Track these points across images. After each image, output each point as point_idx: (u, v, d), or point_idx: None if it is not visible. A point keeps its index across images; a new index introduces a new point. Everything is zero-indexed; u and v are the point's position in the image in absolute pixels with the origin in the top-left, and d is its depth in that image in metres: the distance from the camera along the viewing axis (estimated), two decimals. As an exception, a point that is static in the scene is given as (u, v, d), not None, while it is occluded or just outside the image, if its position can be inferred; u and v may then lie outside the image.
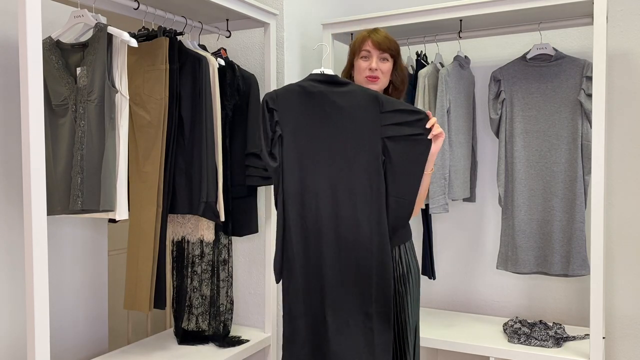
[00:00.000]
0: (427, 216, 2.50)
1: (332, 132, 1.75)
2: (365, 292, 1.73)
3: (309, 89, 1.76)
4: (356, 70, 1.92)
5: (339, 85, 1.78)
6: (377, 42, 1.88)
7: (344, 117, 1.75)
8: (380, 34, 1.91)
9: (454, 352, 2.48)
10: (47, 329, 1.42)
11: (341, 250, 1.73)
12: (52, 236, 1.61)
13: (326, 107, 1.75)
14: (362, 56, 1.90)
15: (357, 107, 1.75)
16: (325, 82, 1.77)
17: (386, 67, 1.89)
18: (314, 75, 1.79)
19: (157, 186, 1.85)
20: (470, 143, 2.52)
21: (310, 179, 1.74)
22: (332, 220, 1.73)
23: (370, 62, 1.87)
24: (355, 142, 1.75)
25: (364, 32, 1.94)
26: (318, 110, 1.75)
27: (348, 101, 1.75)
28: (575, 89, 2.23)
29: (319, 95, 1.76)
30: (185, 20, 2.08)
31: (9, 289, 1.83)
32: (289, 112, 1.74)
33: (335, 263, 1.73)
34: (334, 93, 1.76)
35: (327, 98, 1.75)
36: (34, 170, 1.39)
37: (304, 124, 1.75)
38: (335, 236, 1.73)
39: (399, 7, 2.33)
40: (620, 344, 2.46)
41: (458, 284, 2.76)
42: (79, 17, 1.71)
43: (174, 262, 2.19)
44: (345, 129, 1.75)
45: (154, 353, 2.07)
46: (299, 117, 1.75)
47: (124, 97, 1.68)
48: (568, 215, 2.24)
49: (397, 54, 1.93)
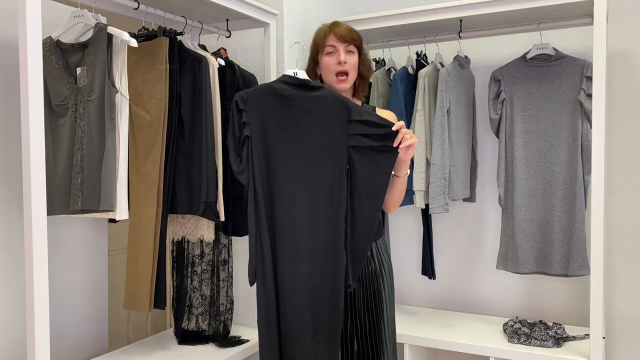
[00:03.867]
0: (427, 216, 2.50)
1: (299, 137, 1.74)
2: (316, 302, 1.73)
3: (279, 92, 1.75)
4: (323, 69, 1.90)
5: (310, 90, 1.76)
6: (341, 35, 1.86)
7: (312, 123, 1.74)
8: (342, 26, 1.89)
9: (454, 352, 2.48)
10: (47, 329, 1.42)
11: (298, 258, 1.73)
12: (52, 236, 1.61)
13: (295, 111, 1.75)
14: (327, 52, 1.88)
15: (326, 114, 1.74)
16: (297, 85, 1.76)
17: (353, 60, 1.88)
18: (286, 77, 1.78)
19: (157, 186, 1.85)
20: (470, 143, 2.52)
21: (275, 181, 1.74)
22: (291, 225, 1.74)
23: (338, 55, 1.85)
24: (321, 149, 1.74)
25: (325, 27, 1.92)
26: (287, 114, 1.75)
27: (318, 107, 1.75)
28: (575, 89, 2.23)
29: (289, 99, 1.75)
30: (185, 20, 2.08)
31: (9, 289, 1.83)
32: (258, 114, 1.74)
33: (294, 270, 1.73)
34: (304, 97, 1.75)
35: (297, 102, 1.75)
36: (34, 170, 1.39)
37: (273, 127, 1.75)
38: (294, 242, 1.74)
39: (399, 7, 2.33)
40: (620, 344, 2.46)
41: (458, 284, 2.76)
42: (79, 17, 1.71)
43: (174, 262, 2.19)
44: (312, 135, 1.74)
45: (154, 353, 2.07)
46: (267, 119, 1.74)
47: (124, 97, 1.68)
48: (568, 215, 2.24)
49: (361, 43, 1.91)
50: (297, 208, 1.74)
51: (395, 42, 2.54)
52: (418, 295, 2.83)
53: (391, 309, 1.95)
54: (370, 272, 1.90)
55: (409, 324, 2.46)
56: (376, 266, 1.91)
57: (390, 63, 2.58)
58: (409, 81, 2.44)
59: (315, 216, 1.74)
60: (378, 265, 1.92)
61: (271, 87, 1.77)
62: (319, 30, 1.94)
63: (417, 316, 2.61)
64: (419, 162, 2.30)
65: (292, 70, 1.78)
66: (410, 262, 2.82)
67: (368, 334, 1.88)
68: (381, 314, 1.90)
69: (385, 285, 1.92)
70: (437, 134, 2.27)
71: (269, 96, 1.75)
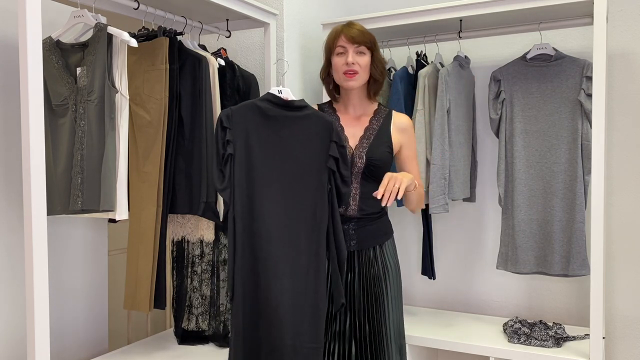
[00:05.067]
0: (427, 216, 2.50)
1: (283, 156, 1.74)
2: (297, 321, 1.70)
3: (265, 111, 1.74)
4: (333, 69, 1.91)
5: (295, 110, 1.76)
6: (351, 37, 1.85)
7: (296, 143, 1.74)
8: (354, 27, 1.89)
9: (454, 352, 2.48)
10: (47, 329, 1.42)
11: (279, 276, 1.70)
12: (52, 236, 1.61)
13: (280, 131, 1.74)
14: (337, 53, 1.89)
15: (311, 134, 1.75)
16: (282, 105, 1.75)
17: (364, 60, 1.88)
18: (271, 96, 1.76)
19: (157, 186, 1.85)
20: (470, 143, 2.52)
21: (257, 200, 1.72)
22: (273, 244, 1.71)
23: (347, 56, 1.85)
24: (304, 168, 1.74)
25: (337, 27, 1.92)
26: (271, 134, 1.74)
27: (302, 127, 1.75)
28: (575, 89, 2.23)
29: (274, 119, 1.74)
30: (185, 20, 2.08)
31: (9, 289, 1.83)
32: (243, 132, 1.72)
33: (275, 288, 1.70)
34: (288, 118, 1.75)
35: (281, 122, 1.75)
36: (34, 170, 1.39)
37: (256, 145, 1.73)
38: (275, 260, 1.71)
39: (399, 7, 2.33)
40: (620, 344, 2.46)
41: (458, 284, 2.76)
42: (79, 17, 1.71)
43: (174, 262, 2.19)
44: (296, 155, 1.74)
45: (154, 353, 2.07)
46: (252, 137, 1.73)
47: (124, 97, 1.68)
48: (568, 215, 2.24)
49: (374, 45, 1.90)
50: (279, 226, 1.72)
51: (395, 42, 2.54)
52: (418, 295, 2.83)
53: (396, 313, 1.93)
54: (372, 275, 1.89)
55: (409, 324, 2.45)
56: (378, 270, 1.90)
57: (390, 63, 2.58)
58: (409, 81, 2.44)
59: (297, 235, 1.72)
60: (381, 269, 1.90)
61: (256, 105, 1.75)
62: (332, 30, 1.94)
63: (417, 316, 2.61)
64: (419, 162, 2.29)
65: (277, 88, 1.76)
66: (410, 262, 2.82)
67: (368, 336, 1.87)
68: (383, 318, 1.88)
69: (389, 289, 1.90)
70: (437, 134, 2.27)
71: (254, 115, 1.74)
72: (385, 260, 1.92)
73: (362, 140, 1.91)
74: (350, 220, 1.88)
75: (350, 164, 1.85)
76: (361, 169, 1.87)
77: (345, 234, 1.82)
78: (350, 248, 1.87)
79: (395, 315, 1.93)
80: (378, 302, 1.88)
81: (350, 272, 1.88)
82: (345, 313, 1.86)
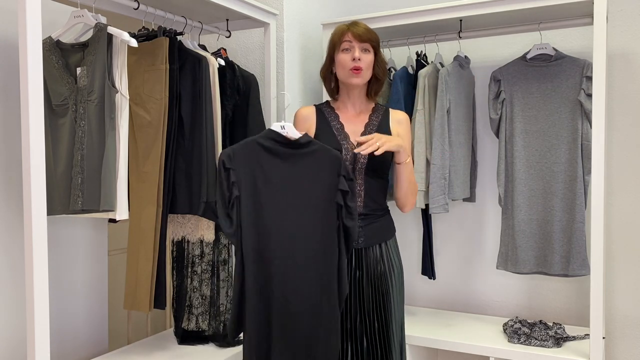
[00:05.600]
0: (427, 216, 2.50)
1: (291, 194, 1.70)
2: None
3: (270, 149, 1.70)
4: (338, 65, 1.92)
5: (301, 147, 1.73)
6: (358, 34, 1.88)
7: (303, 180, 1.71)
8: (360, 25, 1.91)
9: (454, 352, 2.48)
10: (47, 329, 1.42)
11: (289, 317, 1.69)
12: (52, 236, 1.61)
13: (286, 169, 1.71)
14: (343, 49, 1.90)
15: (318, 170, 1.72)
16: (285, 143, 1.72)
17: (368, 58, 1.90)
18: (274, 134, 1.72)
19: (157, 186, 1.85)
20: (470, 143, 2.52)
21: (267, 241, 1.68)
22: (284, 286, 1.69)
23: (353, 52, 1.87)
24: (313, 206, 1.71)
25: (343, 25, 1.94)
26: (278, 172, 1.70)
27: (309, 163, 1.72)
28: (575, 89, 2.23)
29: (279, 157, 1.71)
30: (185, 20, 2.08)
31: (9, 289, 1.83)
32: (247, 172, 1.68)
33: (284, 330, 1.69)
34: (294, 155, 1.71)
35: (287, 160, 1.71)
36: (34, 170, 1.39)
37: (263, 184, 1.69)
38: (284, 301, 1.69)
39: (399, 7, 2.33)
40: (620, 344, 2.46)
41: (458, 284, 2.76)
42: (79, 17, 1.71)
43: (174, 262, 2.19)
44: (304, 192, 1.71)
45: (154, 353, 2.07)
46: (257, 177, 1.69)
47: (124, 97, 1.68)
48: (568, 215, 2.24)
49: (378, 44, 1.94)
50: (292, 267, 1.70)
51: (395, 42, 2.54)
52: (418, 295, 2.83)
53: (399, 312, 1.95)
54: (380, 272, 1.90)
55: (409, 324, 2.45)
56: (385, 267, 1.92)
57: (390, 63, 2.57)
58: (409, 81, 2.44)
59: (306, 277, 1.71)
60: (387, 266, 1.92)
61: (259, 144, 1.71)
62: (337, 28, 1.95)
63: (417, 316, 2.61)
64: (419, 162, 2.29)
65: (280, 124, 1.72)
66: (410, 262, 2.82)
67: (377, 333, 1.89)
68: (389, 315, 1.90)
69: (394, 287, 1.92)
70: (437, 134, 2.27)
71: (258, 153, 1.70)
72: (391, 257, 1.94)
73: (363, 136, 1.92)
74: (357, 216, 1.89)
75: (353, 161, 1.87)
76: (364, 164, 1.88)
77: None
78: (358, 245, 1.89)
79: (399, 312, 1.95)
80: (385, 299, 1.90)
81: (358, 269, 1.90)
82: (356, 311, 1.88)
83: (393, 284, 1.92)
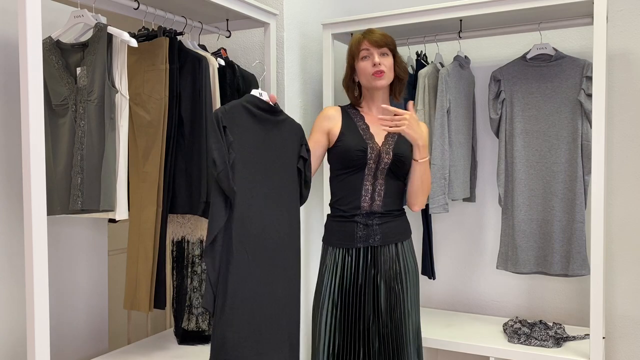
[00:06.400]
0: (427, 216, 2.50)
1: (270, 157, 1.80)
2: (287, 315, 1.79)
3: (254, 113, 1.78)
4: (360, 73, 1.95)
5: (276, 114, 1.84)
6: (375, 41, 1.92)
7: (278, 145, 1.82)
8: (375, 32, 1.95)
9: (454, 352, 2.48)
10: (47, 329, 1.42)
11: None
12: (52, 236, 1.61)
13: (266, 133, 1.80)
14: (362, 57, 1.94)
15: (287, 137, 1.86)
16: (266, 110, 1.80)
17: (389, 62, 1.93)
18: (257, 100, 1.79)
19: (157, 186, 1.85)
20: (470, 143, 2.52)
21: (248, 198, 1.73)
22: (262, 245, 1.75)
23: (372, 59, 1.90)
24: (284, 170, 1.83)
25: (358, 35, 1.98)
26: (260, 135, 1.78)
27: (281, 130, 1.84)
28: (575, 89, 2.23)
29: (260, 122, 1.79)
30: (185, 20, 2.08)
31: (9, 289, 1.83)
32: (236, 132, 1.73)
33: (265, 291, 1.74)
34: (271, 121, 1.82)
35: (266, 125, 1.81)
36: (34, 170, 1.39)
37: (249, 145, 1.75)
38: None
39: (399, 7, 2.33)
40: (620, 344, 2.46)
41: (458, 284, 2.76)
42: (79, 17, 1.71)
43: (174, 262, 2.18)
44: (279, 157, 1.82)
45: (154, 353, 2.07)
46: (244, 138, 1.75)
47: (124, 97, 1.68)
48: (568, 215, 2.24)
49: (395, 47, 1.97)
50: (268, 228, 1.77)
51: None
52: (418, 295, 2.83)
53: (415, 315, 1.96)
54: (395, 272, 1.92)
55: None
56: (401, 267, 1.93)
57: (390, 63, 2.58)
58: (409, 81, 2.43)
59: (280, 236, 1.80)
60: (403, 266, 1.94)
61: (244, 107, 1.77)
62: (353, 38, 1.99)
63: (417, 316, 2.61)
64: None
65: (257, 91, 1.81)
66: (410, 262, 2.83)
67: (390, 333, 1.89)
68: (404, 317, 1.91)
69: (409, 288, 1.94)
70: (437, 134, 2.27)
71: (243, 116, 1.77)
72: (407, 258, 1.96)
73: (388, 137, 1.95)
74: (374, 215, 1.92)
75: (377, 161, 1.91)
76: (387, 164, 1.91)
77: (369, 228, 1.91)
78: (374, 243, 1.91)
79: (414, 315, 1.95)
80: (399, 300, 1.91)
81: (373, 267, 1.92)
82: (371, 310, 1.89)
83: (409, 285, 1.93)
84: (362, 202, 1.92)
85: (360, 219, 1.92)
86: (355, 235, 1.93)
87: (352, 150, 1.92)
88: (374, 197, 1.92)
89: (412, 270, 1.96)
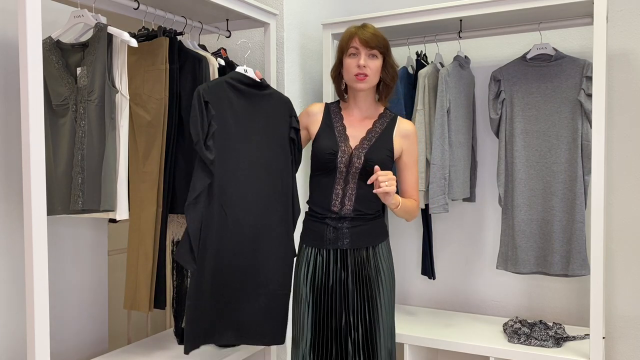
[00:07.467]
0: (427, 216, 2.50)
1: (255, 130, 1.89)
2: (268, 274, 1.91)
3: (237, 88, 1.86)
4: (345, 69, 1.92)
5: (261, 88, 1.93)
6: (365, 40, 1.86)
7: (265, 118, 1.91)
8: (368, 30, 1.89)
9: (454, 352, 2.48)
10: (47, 329, 1.42)
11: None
12: (52, 236, 1.61)
13: (251, 107, 1.89)
14: (350, 54, 1.89)
15: (275, 110, 1.95)
16: (250, 84, 1.89)
17: (375, 64, 1.88)
18: (241, 76, 1.87)
19: (157, 186, 1.85)
20: (470, 143, 2.52)
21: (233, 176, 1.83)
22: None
23: (358, 59, 1.86)
24: (272, 141, 1.93)
25: (352, 28, 1.92)
26: (244, 109, 1.87)
27: (268, 103, 1.94)
28: (575, 89, 2.23)
29: (245, 96, 1.88)
30: (185, 20, 2.08)
31: (9, 289, 1.83)
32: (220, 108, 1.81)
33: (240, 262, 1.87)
34: (257, 95, 1.90)
35: (252, 99, 1.89)
36: (34, 170, 1.39)
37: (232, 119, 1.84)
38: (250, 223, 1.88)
39: (399, 7, 2.33)
40: (620, 344, 2.46)
41: (458, 284, 2.76)
42: (79, 17, 1.71)
43: (174, 262, 2.18)
44: (265, 129, 1.91)
45: (154, 353, 2.07)
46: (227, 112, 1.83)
47: (124, 97, 1.68)
48: (568, 215, 2.24)
49: (387, 50, 1.91)
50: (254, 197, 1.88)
51: (395, 42, 2.53)
52: (418, 295, 2.83)
53: (388, 319, 1.93)
54: (365, 275, 1.90)
55: (409, 324, 2.46)
56: (371, 271, 1.90)
57: (390, 63, 2.58)
58: (408, 81, 2.44)
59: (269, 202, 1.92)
60: (373, 271, 1.90)
61: (228, 83, 1.86)
62: (346, 30, 1.94)
63: (417, 316, 2.61)
64: (419, 162, 2.29)
65: (243, 67, 1.89)
66: (410, 262, 2.82)
67: (361, 338, 1.87)
68: (375, 321, 1.88)
69: (382, 293, 1.90)
70: (437, 134, 2.27)
71: (226, 91, 1.85)
72: (379, 262, 1.92)
73: (363, 141, 1.91)
74: (344, 219, 1.90)
75: (348, 164, 1.88)
76: (358, 169, 1.88)
77: (338, 231, 1.90)
78: (343, 246, 1.89)
79: (387, 318, 1.92)
80: (371, 304, 1.89)
81: (344, 270, 1.90)
82: (341, 310, 1.88)
83: (381, 290, 1.90)
84: (332, 205, 1.90)
85: (330, 222, 1.91)
86: (325, 237, 1.91)
87: (323, 152, 1.90)
88: (344, 202, 1.89)
89: (384, 273, 1.92)
